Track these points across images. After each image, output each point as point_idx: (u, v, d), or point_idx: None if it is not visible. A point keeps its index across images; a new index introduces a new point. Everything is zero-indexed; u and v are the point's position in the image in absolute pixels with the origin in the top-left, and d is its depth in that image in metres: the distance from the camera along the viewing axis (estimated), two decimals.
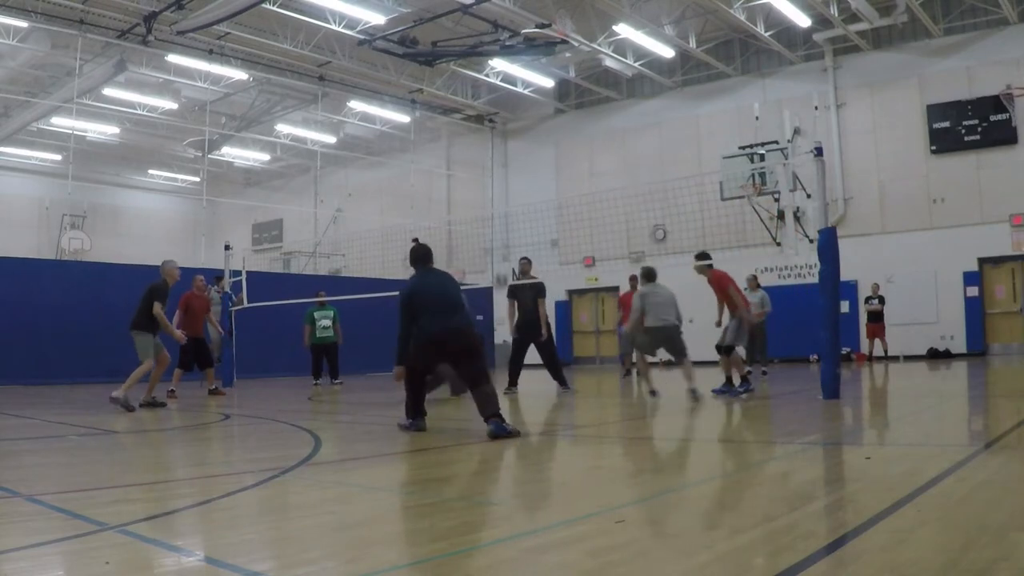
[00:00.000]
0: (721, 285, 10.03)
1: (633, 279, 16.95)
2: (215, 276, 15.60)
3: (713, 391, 9.81)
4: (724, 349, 9.96)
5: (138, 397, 9.58)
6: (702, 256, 10.04)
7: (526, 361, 11.78)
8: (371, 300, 14.50)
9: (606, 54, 21.46)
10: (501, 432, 6.06)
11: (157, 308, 9.50)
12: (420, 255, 6.91)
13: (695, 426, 7.51)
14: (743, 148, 21.25)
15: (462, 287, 7.16)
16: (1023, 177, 18.63)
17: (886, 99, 20.84)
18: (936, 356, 19.60)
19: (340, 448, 6.09)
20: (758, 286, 14.41)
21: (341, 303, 15.50)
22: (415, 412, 6.74)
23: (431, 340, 6.49)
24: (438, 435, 6.56)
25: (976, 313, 19.58)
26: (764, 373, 13.90)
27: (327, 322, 14.77)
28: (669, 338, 9.64)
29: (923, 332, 19.80)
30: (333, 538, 3.07)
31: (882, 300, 18.41)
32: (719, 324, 10.68)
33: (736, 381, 9.86)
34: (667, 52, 21.57)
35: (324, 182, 30.61)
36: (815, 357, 15.24)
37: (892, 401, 9.72)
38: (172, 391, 11.14)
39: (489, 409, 6.26)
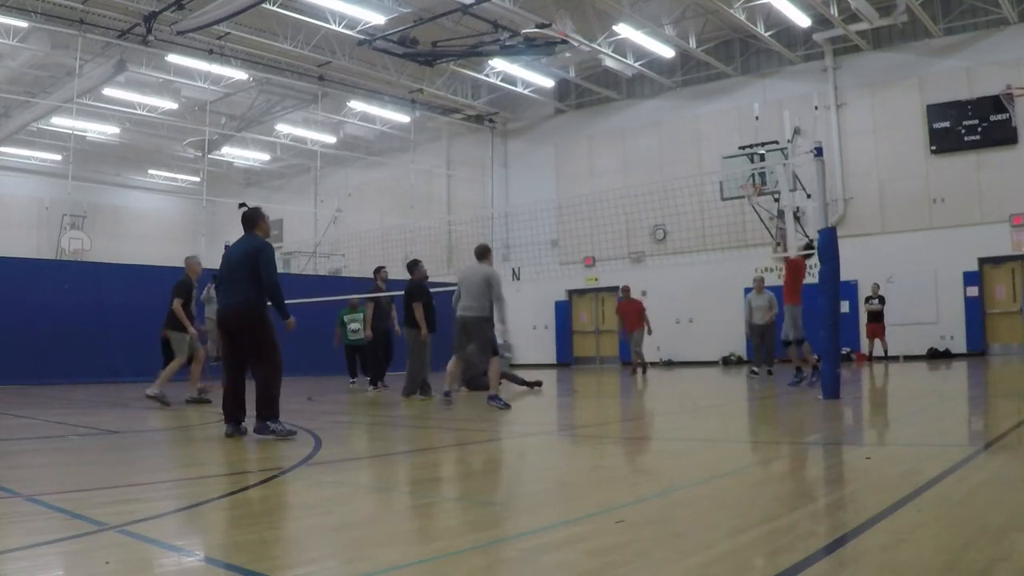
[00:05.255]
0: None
1: (626, 289, 17.14)
2: (212, 275, 15.54)
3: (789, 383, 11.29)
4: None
5: (178, 395, 10.27)
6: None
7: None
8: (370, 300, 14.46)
9: (606, 54, 21.45)
10: (263, 431, 6.19)
11: (176, 304, 10.02)
12: (244, 219, 6.69)
13: (695, 426, 7.52)
14: (743, 148, 21.21)
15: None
16: (1023, 177, 18.62)
17: (886, 99, 20.82)
18: (936, 356, 19.58)
19: (340, 448, 6.09)
20: (764, 288, 14.47)
21: (341, 303, 15.49)
22: (232, 409, 6.44)
23: (218, 318, 6.58)
24: (438, 435, 6.56)
25: (976, 313, 19.56)
26: (770, 373, 14.10)
27: (356, 325, 14.68)
28: None
29: (923, 332, 19.77)
30: (333, 538, 3.07)
31: (882, 300, 18.40)
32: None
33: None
34: (667, 52, 21.56)
35: (324, 182, 30.58)
36: (815, 357, 15.22)
37: (892, 401, 9.72)
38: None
39: (263, 408, 6.28)
